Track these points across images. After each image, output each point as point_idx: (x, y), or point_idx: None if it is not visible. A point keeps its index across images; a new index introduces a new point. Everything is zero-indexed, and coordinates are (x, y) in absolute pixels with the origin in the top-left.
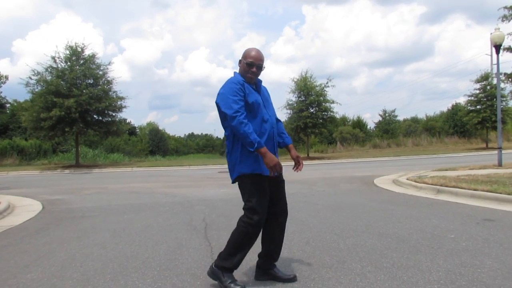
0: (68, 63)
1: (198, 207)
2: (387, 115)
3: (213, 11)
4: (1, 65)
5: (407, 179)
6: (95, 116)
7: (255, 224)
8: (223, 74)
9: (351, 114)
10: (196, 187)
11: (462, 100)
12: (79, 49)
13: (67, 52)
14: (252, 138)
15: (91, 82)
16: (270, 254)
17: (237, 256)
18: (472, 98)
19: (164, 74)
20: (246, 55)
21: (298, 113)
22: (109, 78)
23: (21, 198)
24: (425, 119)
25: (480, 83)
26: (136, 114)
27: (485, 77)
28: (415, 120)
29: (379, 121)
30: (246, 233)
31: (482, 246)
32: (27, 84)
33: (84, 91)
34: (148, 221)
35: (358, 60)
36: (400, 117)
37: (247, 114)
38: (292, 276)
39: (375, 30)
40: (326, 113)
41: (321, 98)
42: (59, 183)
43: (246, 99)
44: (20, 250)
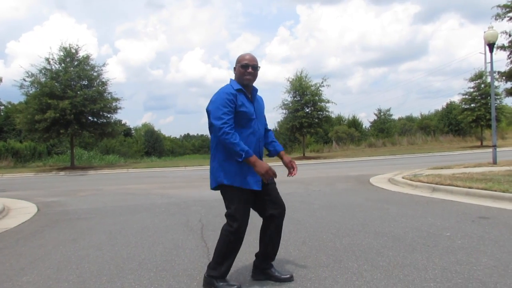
0: (62, 65)
1: (195, 208)
2: (382, 114)
3: (208, 12)
4: None
5: (403, 178)
6: (90, 118)
7: (235, 231)
8: (218, 75)
9: (347, 114)
10: (192, 188)
11: (457, 99)
12: (73, 51)
13: (61, 54)
14: (239, 149)
15: (86, 84)
16: (267, 254)
17: (224, 265)
18: (467, 97)
19: (159, 75)
20: (240, 59)
21: (294, 113)
22: (104, 79)
23: (16, 201)
24: (420, 118)
25: (474, 82)
26: (131, 115)
27: (479, 76)
28: (410, 119)
29: (374, 120)
30: (228, 242)
31: (478, 244)
32: (21, 86)
33: (79, 93)
34: (144, 223)
35: (353, 60)
36: (395, 116)
37: (236, 125)
38: (289, 276)
39: (370, 30)
40: (322, 113)
41: (316, 98)
42: (54, 185)
43: (238, 110)
44: (16, 253)
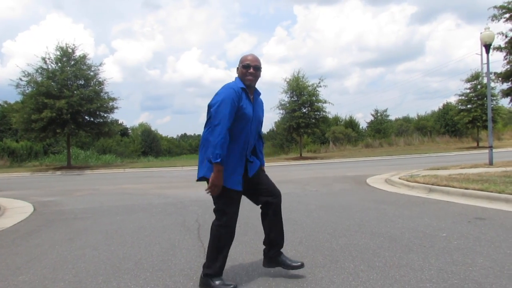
0: (59, 64)
1: (191, 208)
2: (379, 115)
3: (205, 12)
4: None
5: (399, 178)
6: (87, 117)
7: (225, 225)
8: (215, 75)
9: (344, 114)
10: (189, 188)
11: (453, 100)
12: (70, 50)
13: (58, 53)
14: (220, 152)
15: (82, 83)
16: (273, 242)
17: (218, 262)
18: (463, 98)
19: (156, 75)
20: (243, 60)
21: (291, 113)
22: (100, 79)
23: (12, 200)
24: (417, 119)
25: (471, 83)
26: (128, 115)
27: (476, 77)
28: (407, 120)
29: (371, 121)
30: (219, 236)
31: (474, 245)
32: (18, 86)
33: (75, 92)
34: (141, 222)
35: (350, 60)
36: (392, 117)
37: (233, 125)
38: (300, 264)
39: (367, 30)
40: (319, 113)
41: (314, 98)
42: (51, 185)
43: (238, 111)
44: (12, 252)
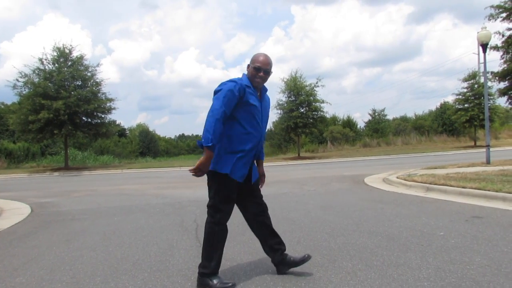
0: (56, 65)
1: (189, 208)
2: (377, 114)
3: (202, 12)
4: None
5: (397, 178)
6: (84, 118)
7: (218, 222)
8: (213, 75)
9: (341, 114)
10: (187, 188)
11: (450, 99)
12: (67, 51)
13: (55, 54)
14: (211, 136)
15: (80, 84)
16: (272, 247)
17: (214, 260)
18: (460, 97)
19: (154, 75)
20: (254, 60)
21: (289, 113)
22: (98, 80)
23: (10, 202)
24: (414, 118)
25: (468, 82)
26: (126, 116)
27: (473, 76)
28: (404, 119)
29: (369, 121)
30: (213, 233)
31: (471, 243)
32: (15, 87)
33: (73, 93)
34: (139, 223)
35: (347, 60)
36: (390, 116)
37: (242, 120)
38: (306, 256)
39: (364, 30)
40: (316, 113)
41: (311, 98)
42: (48, 186)
43: (246, 103)
44: (9, 254)
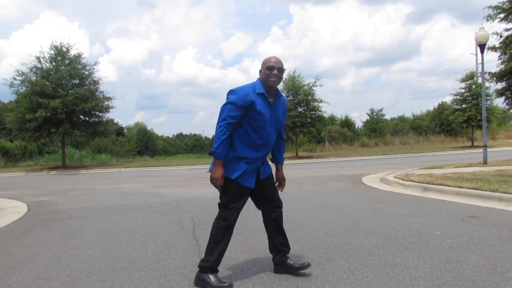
0: (53, 63)
1: (187, 207)
2: (375, 114)
3: (201, 11)
4: None
5: (394, 177)
6: (82, 117)
7: (225, 218)
8: (211, 74)
9: (339, 113)
10: (185, 187)
11: (448, 99)
12: (64, 49)
13: (52, 52)
14: (217, 146)
15: (77, 83)
16: (277, 248)
17: (214, 255)
18: (458, 97)
19: (152, 74)
20: (266, 62)
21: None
22: (96, 78)
23: (6, 200)
24: (412, 118)
25: (466, 82)
26: (124, 115)
27: (470, 76)
28: (402, 119)
29: (367, 120)
30: (218, 228)
31: (467, 243)
32: (12, 85)
33: (70, 92)
34: (136, 222)
35: (346, 60)
36: (388, 116)
37: (248, 127)
38: (306, 264)
39: (362, 30)
40: (315, 112)
41: (309, 97)
42: (45, 185)
43: (254, 114)
44: (5, 252)
